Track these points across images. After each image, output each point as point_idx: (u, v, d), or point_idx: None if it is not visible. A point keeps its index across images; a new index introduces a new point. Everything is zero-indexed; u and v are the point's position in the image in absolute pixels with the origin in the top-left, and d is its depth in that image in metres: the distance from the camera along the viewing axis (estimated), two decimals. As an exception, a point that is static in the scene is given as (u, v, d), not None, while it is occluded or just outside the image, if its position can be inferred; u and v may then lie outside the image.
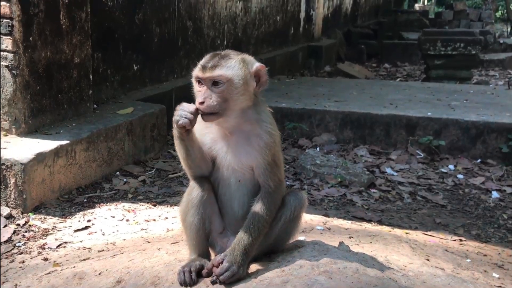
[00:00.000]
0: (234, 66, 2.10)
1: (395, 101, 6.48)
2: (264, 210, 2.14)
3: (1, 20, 3.86)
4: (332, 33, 12.13)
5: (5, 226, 3.57)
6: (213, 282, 2.05)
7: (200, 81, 2.11)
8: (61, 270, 2.56)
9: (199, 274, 2.12)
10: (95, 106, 4.86)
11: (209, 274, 2.10)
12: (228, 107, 2.09)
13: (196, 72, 2.12)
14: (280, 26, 9.41)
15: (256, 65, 2.15)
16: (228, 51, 2.17)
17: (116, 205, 3.97)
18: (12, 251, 3.30)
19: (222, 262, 2.06)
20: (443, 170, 5.32)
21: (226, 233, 2.26)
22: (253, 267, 2.13)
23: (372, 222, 4.05)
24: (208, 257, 2.24)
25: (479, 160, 5.52)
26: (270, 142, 2.14)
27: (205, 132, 2.21)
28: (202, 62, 2.13)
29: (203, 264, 2.14)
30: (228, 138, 2.17)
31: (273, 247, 2.29)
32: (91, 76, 4.65)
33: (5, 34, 3.87)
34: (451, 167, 5.38)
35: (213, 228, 2.26)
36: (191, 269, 2.12)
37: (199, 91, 2.11)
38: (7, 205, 3.71)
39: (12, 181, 3.66)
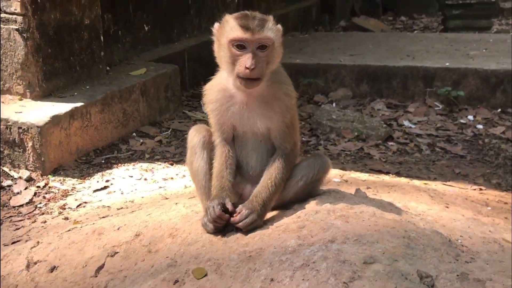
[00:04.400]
0: (273, 28, 2.03)
1: (412, 53, 6.34)
2: (280, 168, 2.15)
3: (8, -18, 3.82)
4: (346, -13, 11.80)
5: (26, 188, 3.63)
6: (229, 232, 2.06)
7: (241, 44, 1.98)
8: (81, 227, 2.60)
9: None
10: (107, 68, 4.84)
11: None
12: (267, 70, 2.04)
13: (239, 34, 1.97)
14: (293, -18, 9.18)
15: (278, 26, 2.10)
16: (253, 12, 2.07)
17: (133, 165, 3.99)
18: (34, 212, 3.36)
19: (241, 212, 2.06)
20: (462, 121, 5.22)
21: (241, 180, 2.25)
22: (269, 214, 2.14)
23: (390, 174, 4.02)
24: None
25: (499, 110, 5.41)
26: (290, 104, 2.14)
27: (227, 106, 2.16)
28: (240, 23, 1.97)
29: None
30: (249, 104, 2.13)
31: (291, 203, 2.29)
32: (102, 38, 4.61)
33: (13, -3, 3.83)
34: (470, 117, 5.28)
35: None
36: (213, 215, 2.06)
37: (239, 56, 1.98)
38: (26, 168, 3.76)
39: (30, 144, 3.69)
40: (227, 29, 2.02)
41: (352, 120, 4.91)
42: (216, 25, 2.12)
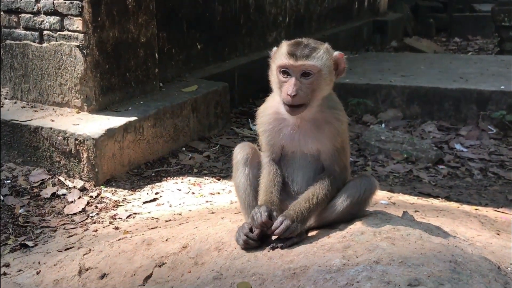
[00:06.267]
0: (322, 56, 2.07)
1: (465, 75, 6.20)
2: (325, 186, 2.16)
3: (71, 1, 4.03)
4: (398, 7, 11.70)
5: (79, 197, 3.78)
6: (273, 248, 2.08)
7: (286, 71, 2.07)
8: (131, 237, 2.69)
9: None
10: (161, 84, 5.00)
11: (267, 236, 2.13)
12: (314, 97, 2.09)
13: (284, 60, 2.06)
14: (344, 1, 9.20)
15: (336, 53, 2.15)
16: (309, 40, 2.14)
17: (182, 179, 4.09)
18: (86, 221, 3.50)
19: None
20: (517, 145, 5.06)
21: (286, 197, 2.26)
22: (314, 233, 2.14)
23: (440, 198, 3.94)
24: None
25: (557, 135, 5.21)
26: (341, 129, 2.18)
27: (279, 128, 2.22)
28: (288, 50, 2.06)
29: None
30: (300, 127, 2.18)
31: (335, 222, 2.29)
32: (156, 55, 4.77)
33: (76, 15, 4.04)
34: (526, 142, 5.11)
35: None
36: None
37: (285, 82, 2.06)
38: (80, 178, 3.92)
39: (85, 155, 3.85)
40: (278, 55, 2.11)
41: (402, 141, 4.85)
42: (274, 49, 2.19)
